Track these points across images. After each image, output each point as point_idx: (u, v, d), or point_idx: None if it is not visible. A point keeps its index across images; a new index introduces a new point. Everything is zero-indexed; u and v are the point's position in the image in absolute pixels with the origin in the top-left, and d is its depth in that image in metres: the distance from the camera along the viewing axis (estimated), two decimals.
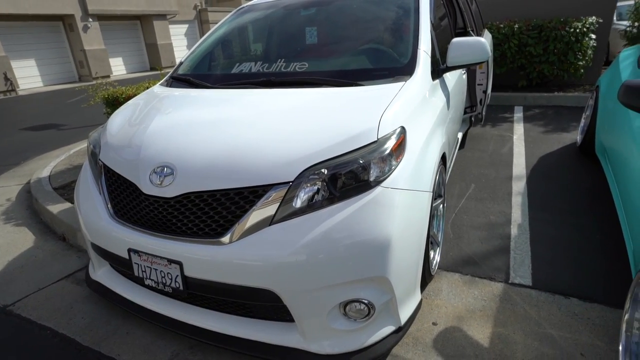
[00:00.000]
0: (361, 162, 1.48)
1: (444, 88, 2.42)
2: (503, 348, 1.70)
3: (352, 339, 1.54)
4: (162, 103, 2.16)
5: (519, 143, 4.29)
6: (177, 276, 1.57)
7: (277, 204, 1.44)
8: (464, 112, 3.66)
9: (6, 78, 13.46)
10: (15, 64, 14.45)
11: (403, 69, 2.03)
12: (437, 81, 2.28)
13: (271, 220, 1.44)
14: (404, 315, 1.63)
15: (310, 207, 1.44)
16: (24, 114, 9.11)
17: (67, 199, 3.24)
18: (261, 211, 1.45)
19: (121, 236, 1.69)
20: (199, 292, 1.60)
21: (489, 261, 2.29)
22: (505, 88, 6.55)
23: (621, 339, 1.43)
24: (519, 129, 4.78)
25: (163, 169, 1.59)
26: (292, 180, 1.45)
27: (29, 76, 15.14)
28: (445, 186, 2.37)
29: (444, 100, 2.34)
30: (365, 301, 1.48)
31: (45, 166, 4.29)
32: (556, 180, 3.30)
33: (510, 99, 6.11)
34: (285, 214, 1.44)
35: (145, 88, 3.98)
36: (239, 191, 1.48)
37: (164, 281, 1.63)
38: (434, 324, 1.86)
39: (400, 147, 1.60)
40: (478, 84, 4.03)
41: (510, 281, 2.11)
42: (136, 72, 18.97)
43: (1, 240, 2.92)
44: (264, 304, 1.56)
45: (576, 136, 4.35)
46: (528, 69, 6.22)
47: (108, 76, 16.62)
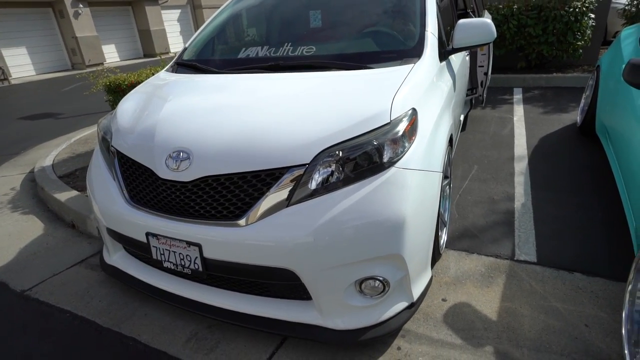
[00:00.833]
0: (375, 144, 1.51)
1: (450, 70, 2.44)
2: (511, 321, 1.77)
3: (368, 315, 1.60)
4: (172, 89, 2.16)
5: (520, 124, 4.32)
6: (197, 258, 1.62)
7: (293, 186, 1.48)
8: (465, 95, 3.68)
9: None
10: (6, 52, 14.21)
11: (411, 51, 2.05)
12: (444, 63, 2.30)
13: (288, 202, 1.48)
14: (417, 291, 1.68)
15: (325, 189, 1.48)
16: (19, 104, 9.01)
17: (74, 187, 3.26)
18: (278, 193, 1.48)
19: (138, 220, 1.72)
20: (218, 273, 1.65)
21: (495, 239, 2.35)
22: (504, 70, 6.55)
23: (624, 308, 1.50)
24: (519, 111, 4.81)
25: (179, 154, 1.61)
26: (309, 162, 1.48)
27: (21, 64, 14.91)
28: (451, 167, 2.41)
29: (451, 81, 2.36)
30: (380, 278, 1.53)
31: (47, 155, 4.28)
32: (557, 160, 3.35)
33: (509, 81, 6.12)
34: (301, 196, 1.48)
35: (146, 75, 3.96)
36: (257, 174, 1.51)
37: (183, 263, 1.67)
38: (444, 300, 1.92)
39: (412, 129, 1.63)
40: (479, 66, 4.04)
41: (515, 258, 2.17)
42: (129, 59, 18.70)
43: (11, 228, 2.94)
44: (282, 283, 1.61)
45: (576, 116, 4.39)
46: (527, 50, 6.21)
47: (101, 63, 16.36)
